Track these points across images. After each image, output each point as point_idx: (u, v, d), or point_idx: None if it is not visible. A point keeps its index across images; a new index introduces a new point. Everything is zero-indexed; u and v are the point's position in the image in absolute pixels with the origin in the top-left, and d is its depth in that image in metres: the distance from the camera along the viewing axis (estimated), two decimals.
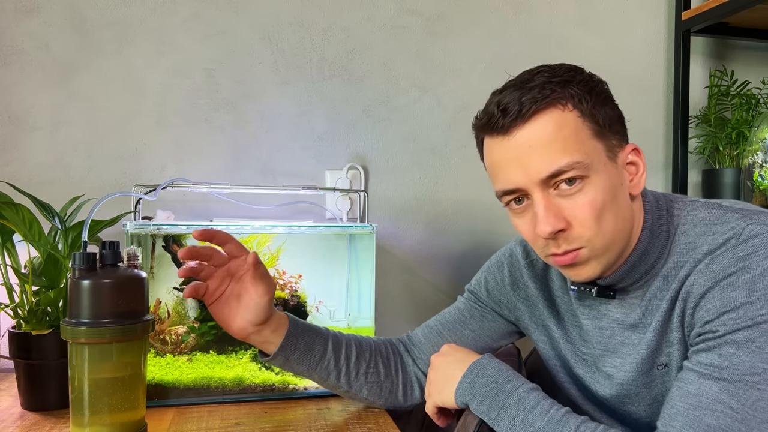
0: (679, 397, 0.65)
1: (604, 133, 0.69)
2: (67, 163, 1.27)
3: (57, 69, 1.27)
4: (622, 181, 0.71)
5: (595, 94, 0.70)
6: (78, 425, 0.74)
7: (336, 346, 0.90)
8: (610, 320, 0.79)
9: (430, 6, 1.44)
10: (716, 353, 0.64)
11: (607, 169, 0.69)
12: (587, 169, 0.68)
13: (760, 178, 1.33)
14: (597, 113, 0.69)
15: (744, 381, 0.61)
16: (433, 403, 0.82)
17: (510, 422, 0.71)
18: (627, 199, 0.72)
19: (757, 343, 0.61)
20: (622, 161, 0.72)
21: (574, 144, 0.68)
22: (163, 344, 1.01)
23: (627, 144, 0.73)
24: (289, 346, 0.86)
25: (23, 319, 0.95)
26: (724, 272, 0.65)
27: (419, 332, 0.98)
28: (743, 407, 0.61)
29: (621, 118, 0.73)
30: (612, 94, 0.74)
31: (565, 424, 0.68)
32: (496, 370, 0.76)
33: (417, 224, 1.44)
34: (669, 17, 1.58)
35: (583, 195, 0.68)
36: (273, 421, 0.90)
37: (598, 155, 0.69)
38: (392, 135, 1.42)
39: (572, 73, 0.71)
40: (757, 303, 0.62)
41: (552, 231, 0.69)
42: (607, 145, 0.70)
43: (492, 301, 0.95)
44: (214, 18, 1.33)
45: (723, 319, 0.64)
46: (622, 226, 0.71)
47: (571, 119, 0.68)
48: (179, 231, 1.00)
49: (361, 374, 0.91)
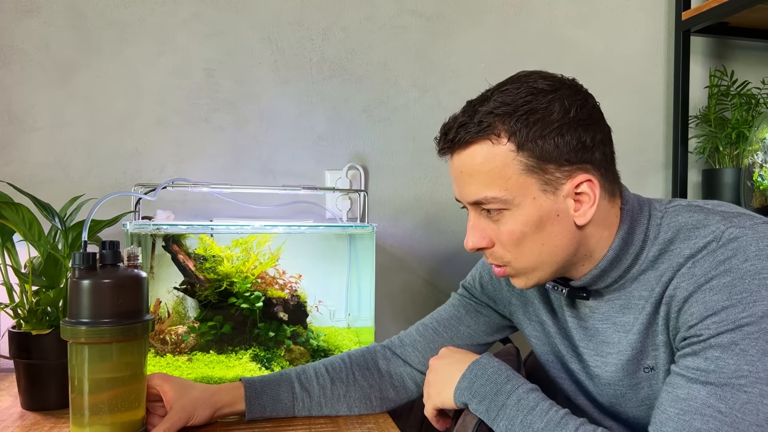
0: (669, 402, 0.65)
1: (541, 167, 0.69)
2: (67, 163, 1.27)
3: (57, 69, 1.27)
4: (559, 212, 0.71)
5: (543, 126, 0.69)
6: (78, 425, 0.74)
7: (305, 382, 0.91)
8: (592, 319, 0.80)
9: (430, 6, 1.44)
10: (702, 357, 0.64)
11: (536, 203, 0.70)
12: (507, 203, 0.71)
13: (760, 178, 1.33)
14: (536, 146, 0.68)
15: (731, 384, 0.62)
16: (433, 405, 0.82)
17: (509, 423, 0.71)
18: (565, 227, 0.72)
19: (741, 346, 0.62)
20: (568, 192, 0.70)
21: (497, 180, 0.70)
22: (163, 344, 1.01)
23: (580, 175, 0.70)
24: (256, 408, 0.87)
25: (23, 319, 0.95)
26: (706, 276, 0.66)
27: (414, 330, 0.98)
28: (732, 410, 0.61)
29: (583, 146, 0.70)
30: (593, 116, 0.72)
31: (564, 426, 0.68)
32: (495, 370, 0.76)
33: (417, 224, 1.44)
34: (669, 17, 1.58)
35: (503, 224, 0.73)
36: (273, 421, 0.90)
37: (525, 190, 0.70)
38: (392, 135, 1.42)
39: (529, 99, 0.70)
40: (739, 306, 0.63)
41: (473, 248, 0.76)
42: (543, 179, 0.70)
43: (486, 297, 0.96)
44: (214, 18, 1.33)
45: (706, 323, 0.65)
46: (552, 251, 0.72)
47: (500, 153, 0.70)
48: (179, 231, 1.00)
49: (342, 397, 0.92)
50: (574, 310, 0.83)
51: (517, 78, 0.73)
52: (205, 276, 1.03)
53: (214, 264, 1.03)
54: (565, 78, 0.74)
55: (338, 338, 1.12)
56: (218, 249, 1.04)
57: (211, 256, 1.03)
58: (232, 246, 1.04)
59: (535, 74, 0.73)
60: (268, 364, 1.03)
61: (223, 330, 1.03)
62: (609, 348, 0.79)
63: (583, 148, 0.70)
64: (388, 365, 0.96)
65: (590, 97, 0.74)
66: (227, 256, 1.04)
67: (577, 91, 0.73)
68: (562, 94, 0.71)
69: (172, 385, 0.83)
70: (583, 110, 0.71)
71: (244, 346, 1.03)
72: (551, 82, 0.72)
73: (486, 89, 0.75)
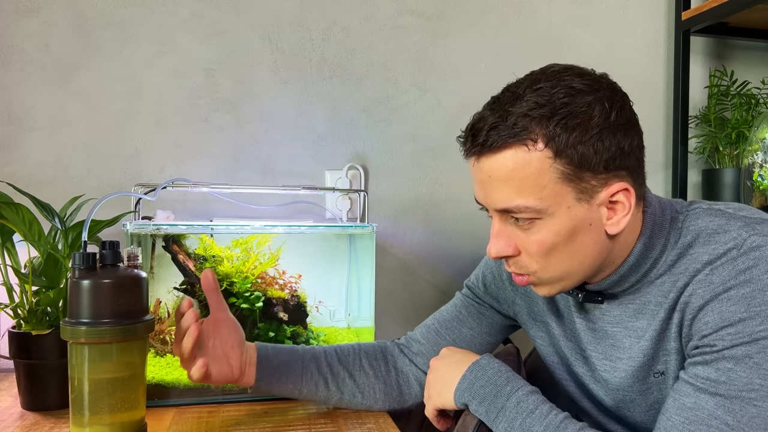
0: (675, 410, 0.64)
1: (578, 175, 0.65)
2: (67, 163, 1.27)
3: (57, 69, 1.27)
4: (592, 222, 0.67)
5: (583, 130, 0.64)
6: (78, 425, 0.74)
7: (314, 357, 0.92)
8: (602, 322, 0.78)
9: (430, 6, 1.44)
10: (713, 367, 0.63)
11: (570, 212, 0.66)
12: (540, 213, 0.66)
13: (759, 178, 1.33)
14: (575, 153, 0.64)
15: (740, 397, 0.61)
16: (433, 405, 0.82)
17: (508, 425, 0.71)
18: (597, 237, 0.68)
19: (755, 360, 0.61)
20: (602, 200, 0.67)
21: (531, 188, 0.65)
22: (163, 344, 1.01)
23: (616, 183, 0.67)
24: (266, 369, 0.88)
25: (23, 319, 0.95)
26: (724, 285, 0.64)
27: (417, 332, 0.98)
28: (739, 424, 0.60)
29: (622, 152, 0.66)
30: (631, 119, 0.69)
31: (563, 431, 0.68)
32: (495, 371, 0.76)
33: (417, 224, 1.44)
34: (669, 17, 1.58)
35: (533, 234, 0.68)
36: (273, 421, 0.90)
37: (561, 199, 0.66)
38: (392, 135, 1.42)
39: (567, 100, 0.65)
40: (757, 319, 0.61)
41: (497, 256, 0.71)
42: (579, 187, 0.66)
43: (490, 297, 0.94)
44: (214, 18, 1.33)
45: (721, 333, 0.63)
46: (581, 260, 0.69)
47: (536, 159, 0.65)
48: (179, 231, 1.00)
49: (347, 378, 0.92)
50: (583, 312, 0.80)
51: (552, 74, 0.67)
52: None
53: (214, 264, 1.03)
54: (601, 76, 0.70)
55: (338, 338, 1.12)
56: (218, 249, 1.04)
57: (211, 256, 1.03)
58: (232, 246, 1.04)
59: (570, 71, 0.68)
60: None
61: None
62: (619, 353, 0.77)
63: (621, 155, 0.66)
64: (395, 361, 0.96)
65: (627, 99, 0.70)
66: (227, 256, 1.04)
67: (615, 92, 0.69)
68: (601, 96, 0.66)
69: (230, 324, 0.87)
70: (622, 113, 0.67)
71: None
72: (589, 81, 0.67)
73: (510, 83, 0.69)
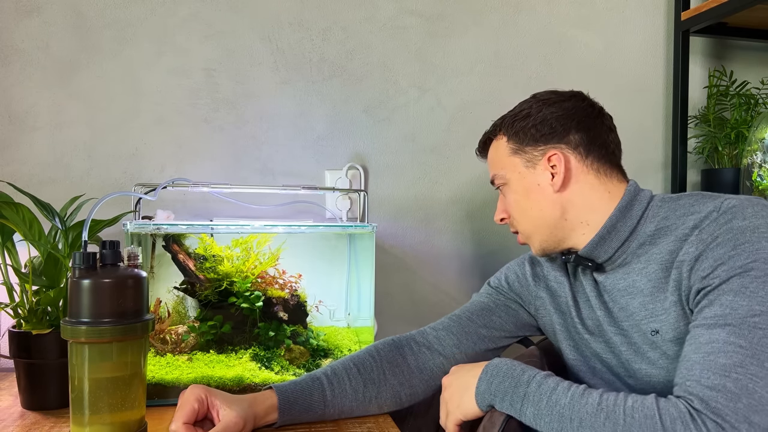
0: (692, 351, 0.70)
1: (522, 149, 0.90)
2: (67, 163, 1.27)
3: (57, 69, 1.27)
4: (540, 182, 0.88)
5: (524, 121, 0.90)
6: (78, 425, 0.74)
7: (336, 387, 0.89)
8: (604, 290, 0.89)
9: (430, 6, 1.44)
10: (717, 304, 0.71)
11: (522, 176, 0.90)
12: (504, 179, 0.92)
13: (759, 178, 1.33)
14: (521, 136, 0.90)
15: (746, 323, 0.67)
16: (454, 420, 0.82)
17: (535, 408, 0.73)
18: (547, 194, 0.88)
19: (750, 288, 0.69)
20: (544, 165, 0.88)
21: (497, 162, 0.94)
22: (163, 344, 1.01)
23: (553, 151, 0.87)
24: (288, 418, 0.85)
25: (23, 319, 0.95)
26: (712, 236, 0.75)
27: (446, 319, 1.00)
28: (751, 345, 0.66)
29: (553, 130, 0.88)
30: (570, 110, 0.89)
31: (588, 396, 0.70)
32: (509, 366, 0.79)
33: (417, 224, 1.44)
34: (668, 17, 1.58)
35: (507, 196, 0.93)
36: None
37: (514, 167, 0.91)
38: (392, 135, 1.42)
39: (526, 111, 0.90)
40: (743, 254, 0.71)
41: (499, 218, 0.96)
42: (525, 158, 0.90)
43: (514, 293, 1.01)
44: (214, 18, 1.33)
45: (717, 272, 0.72)
46: (540, 214, 0.89)
47: (501, 144, 0.93)
48: (179, 231, 1.01)
49: (374, 398, 0.91)
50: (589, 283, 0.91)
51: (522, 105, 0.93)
52: (205, 276, 1.03)
53: (214, 264, 1.03)
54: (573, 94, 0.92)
55: (338, 338, 1.12)
56: (218, 249, 1.04)
57: (211, 256, 1.03)
58: (232, 246, 1.04)
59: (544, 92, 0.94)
60: (268, 364, 1.04)
61: (223, 330, 1.03)
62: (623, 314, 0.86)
63: (552, 131, 0.88)
64: (416, 360, 0.95)
65: (578, 99, 0.91)
66: (227, 255, 1.04)
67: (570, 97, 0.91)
68: (534, 107, 0.90)
69: (221, 397, 0.81)
70: (557, 105, 0.89)
71: (244, 345, 1.03)
72: (551, 95, 0.92)
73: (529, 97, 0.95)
